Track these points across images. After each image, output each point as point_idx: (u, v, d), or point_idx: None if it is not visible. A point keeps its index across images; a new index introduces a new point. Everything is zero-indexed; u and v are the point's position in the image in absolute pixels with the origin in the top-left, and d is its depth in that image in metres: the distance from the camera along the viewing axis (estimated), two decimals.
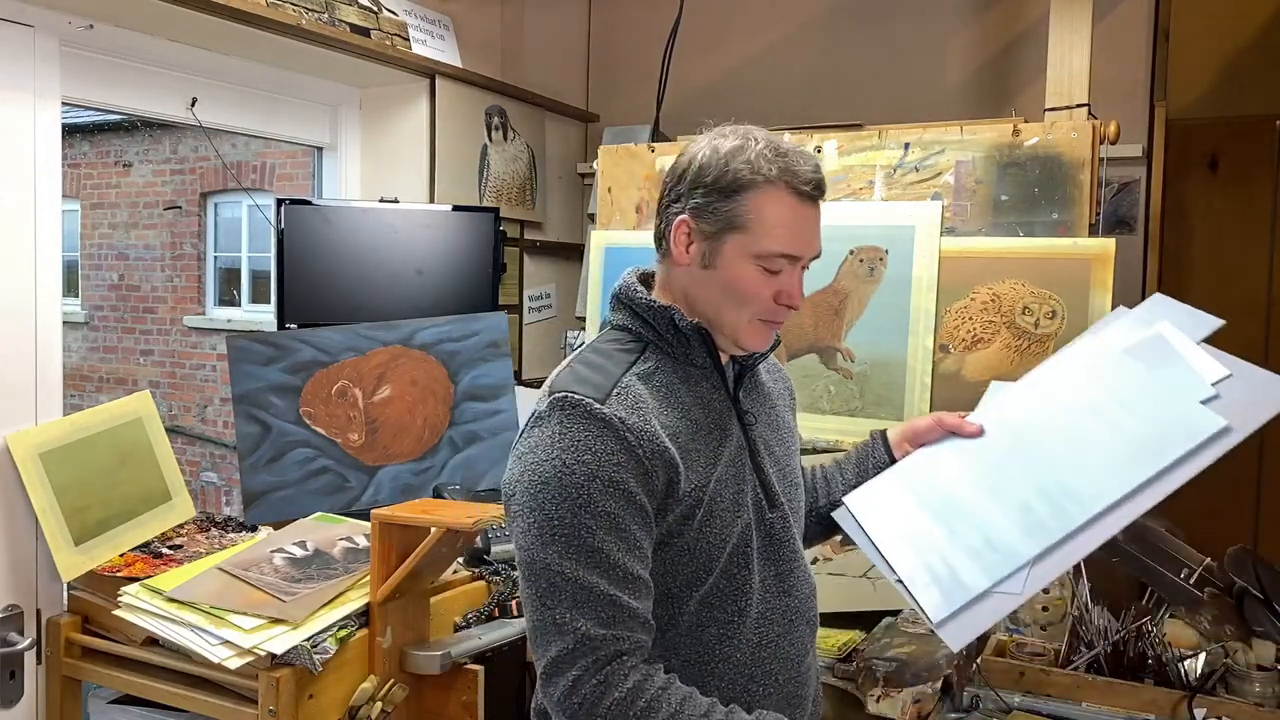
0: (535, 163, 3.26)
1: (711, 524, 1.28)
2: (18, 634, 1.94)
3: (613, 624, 1.19)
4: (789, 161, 1.29)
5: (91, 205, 8.32)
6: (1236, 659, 1.71)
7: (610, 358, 1.32)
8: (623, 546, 1.21)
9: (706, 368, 1.35)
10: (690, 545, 1.28)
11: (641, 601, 1.22)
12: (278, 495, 2.33)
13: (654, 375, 1.31)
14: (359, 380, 2.46)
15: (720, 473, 1.31)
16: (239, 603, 1.76)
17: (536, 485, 1.22)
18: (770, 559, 1.36)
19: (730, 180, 1.28)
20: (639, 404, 1.25)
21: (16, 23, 2.00)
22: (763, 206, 1.28)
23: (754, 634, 1.33)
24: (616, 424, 1.22)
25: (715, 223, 1.29)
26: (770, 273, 1.29)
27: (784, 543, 1.38)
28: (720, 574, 1.30)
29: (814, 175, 1.30)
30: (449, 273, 2.76)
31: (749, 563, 1.32)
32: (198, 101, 2.48)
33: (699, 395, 1.33)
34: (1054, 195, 2.11)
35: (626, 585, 1.21)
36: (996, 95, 2.98)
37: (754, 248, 1.28)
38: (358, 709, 1.77)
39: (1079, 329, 2.03)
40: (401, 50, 2.70)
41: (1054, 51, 2.21)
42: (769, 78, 3.28)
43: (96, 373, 8.34)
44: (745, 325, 1.32)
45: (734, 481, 1.33)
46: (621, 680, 1.18)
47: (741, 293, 1.30)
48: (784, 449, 1.44)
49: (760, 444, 1.38)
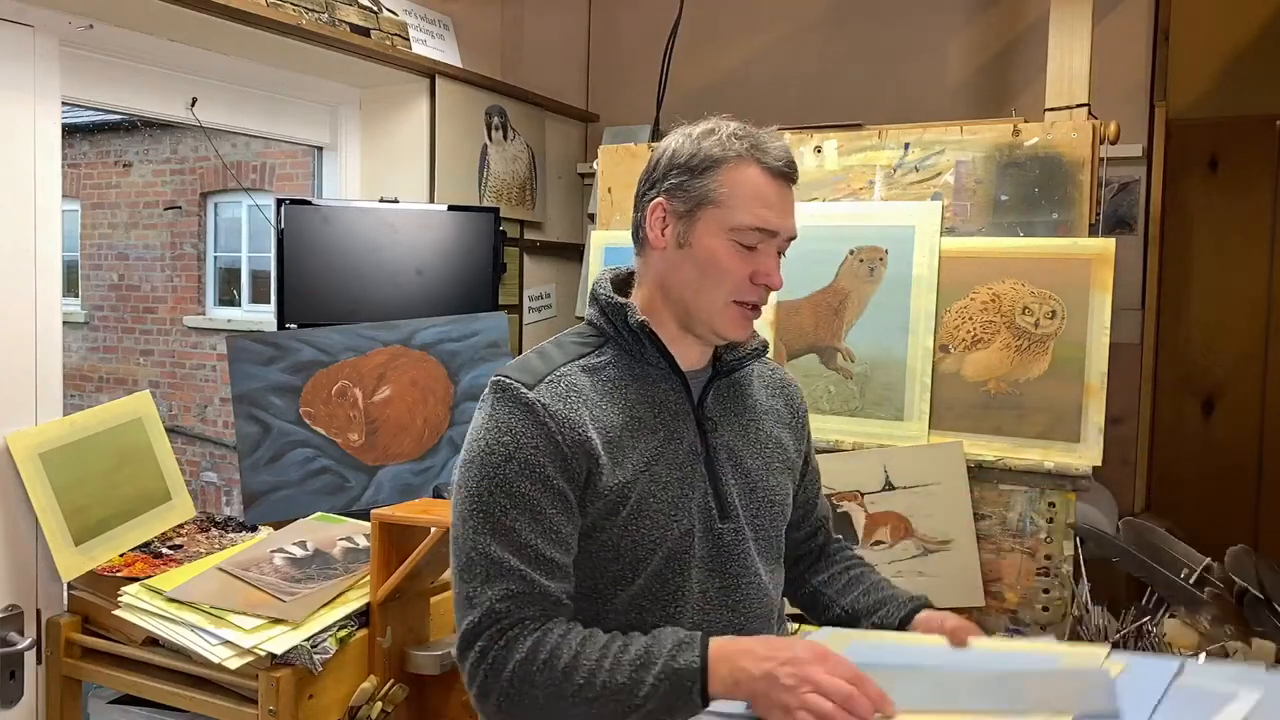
0: (535, 163, 3.26)
1: (639, 524, 1.27)
2: (18, 634, 1.94)
3: (520, 599, 1.20)
4: (758, 139, 1.32)
5: (91, 205, 8.32)
6: (1236, 659, 1.71)
7: (562, 348, 1.34)
8: (535, 528, 1.22)
9: (661, 367, 1.34)
10: (614, 542, 1.27)
11: (554, 582, 1.23)
12: (278, 495, 2.33)
13: (603, 369, 1.32)
14: (359, 380, 2.46)
15: (658, 473, 1.29)
16: (239, 603, 1.76)
17: (464, 465, 1.27)
18: (715, 570, 1.32)
19: (702, 158, 1.31)
20: (570, 393, 1.27)
21: (16, 23, 2.00)
22: (735, 181, 1.30)
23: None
24: (538, 409, 1.24)
25: (688, 200, 1.31)
26: (745, 249, 1.30)
27: (734, 556, 1.33)
28: (651, 576, 1.28)
29: (784, 154, 1.32)
30: (449, 273, 2.76)
31: (686, 569, 1.30)
32: (198, 101, 2.48)
33: (650, 394, 1.32)
34: (1054, 195, 2.11)
35: (538, 565, 1.21)
36: (996, 95, 2.98)
37: (728, 221, 1.29)
38: (358, 709, 1.77)
39: (1079, 329, 2.04)
40: (401, 50, 2.70)
41: (1054, 51, 2.21)
42: (769, 78, 3.28)
43: (96, 373, 8.33)
44: (722, 308, 1.31)
45: (677, 485, 1.30)
46: (522, 642, 1.19)
47: (717, 268, 1.30)
48: (759, 462, 1.39)
49: (722, 451, 1.35)
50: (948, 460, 2.08)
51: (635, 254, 1.39)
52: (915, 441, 2.14)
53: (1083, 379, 2.02)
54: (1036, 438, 2.05)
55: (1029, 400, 2.06)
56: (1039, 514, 2.04)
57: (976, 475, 2.07)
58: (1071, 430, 2.02)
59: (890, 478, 2.12)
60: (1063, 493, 2.02)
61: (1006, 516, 2.07)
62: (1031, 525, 2.04)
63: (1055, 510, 2.02)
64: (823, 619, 1.53)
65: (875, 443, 2.18)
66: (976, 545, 2.06)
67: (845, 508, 2.17)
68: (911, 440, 2.14)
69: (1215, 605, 1.83)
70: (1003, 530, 2.07)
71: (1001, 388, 2.10)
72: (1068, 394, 2.03)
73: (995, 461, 2.06)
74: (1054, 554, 2.02)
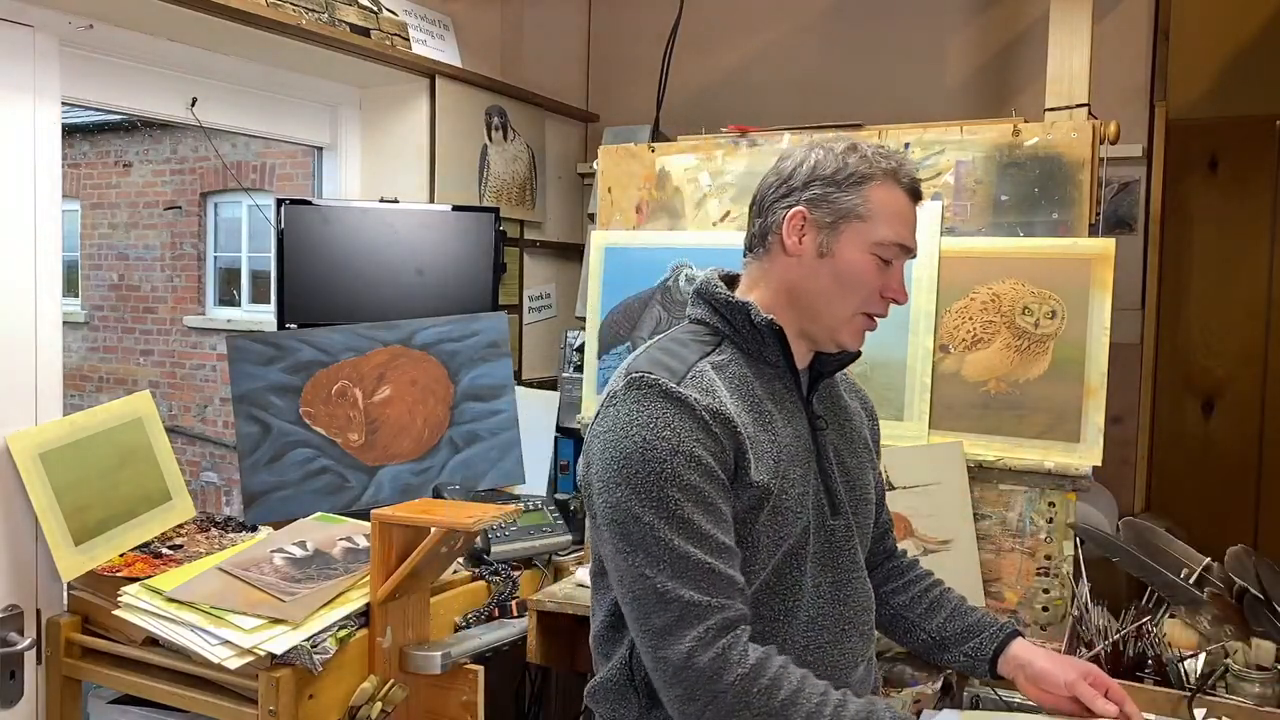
0: (535, 163, 3.26)
1: (776, 519, 1.31)
2: (18, 634, 1.94)
3: (713, 591, 1.22)
4: (900, 159, 1.39)
5: (91, 205, 8.32)
6: (1236, 659, 1.71)
7: (686, 346, 1.37)
8: (710, 518, 1.24)
9: (779, 366, 1.38)
10: (754, 537, 1.30)
11: (735, 570, 1.25)
12: (278, 495, 2.33)
13: (727, 366, 1.35)
14: (359, 380, 2.46)
15: (786, 469, 1.33)
16: (239, 603, 1.76)
17: (620, 461, 1.25)
18: (827, 565, 1.39)
19: (849, 173, 1.36)
20: (712, 387, 1.30)
21: (16, 23, 2.00)
22: (881, 197, 1.36)
23: (802, 637, 1.35)
24: (692, 402, 1.26)
25: (833, 213, 1.36)
26: (883, 264, 1.37)
27: (844, 550, 1.40)
28: (772, 571, 1.33)
29: (916, 174, 1.40)
30: (449, 273, 2.76)
31: (802, 564, 1.35)
32: (198, 101, 2.47)
33: (771, 391, 1.37)
34: (1054, 195, 2.11)
35: (720, 554, 1.24)
36: (996, 95, 2.98)
37: (873, 236, 1.35)
38: (358, 709, 1.77)
39: (1079, 329, 2.04)
40: (401, 50, 2.70)
41: (1054, 51, 2.21)
42: (769, 78, 3.28)
43: (96, 373, 8.34)
44: (848, 318, 1.38)
45: (800, 481, 1.35)
46: (743, 656, 1.20)
47: (856, 280, 1.36)
48: (856, 461, 1.48)
49: (830, 449, 1.42)
50: (948, 460, 2.08)
51: (750, 258, 1.44)
52: (915, 441, 2.14)
53: (1083, 379, 2.02)
54: (1036, 438, 2.05)
55: (1029, 400, 2.06)
56: (1039, 514, 2.04)
57: (976, 475, 2.07)
58: (1071, 430, 2.02)
59: (890, 478, 2.12)
60: (1063, 493, 2.02)
61: (1006, 516, 2.07)
62: (1031, 525, 2.04)
63: (1055, 510, 2.02)
64: (906, 642, 1.62)
65: None
66: (976, 545, 2.06)
67: None
68: (911, 440, 2.14)
69: (1215, 605, 1.83)
70: (1003, 530, 2.07)
71: (1001, 388, 2.10)
72: (1068, 394, 2.03)
73: (995, 461, 2.06)
74: (1054, 554, 2.02)
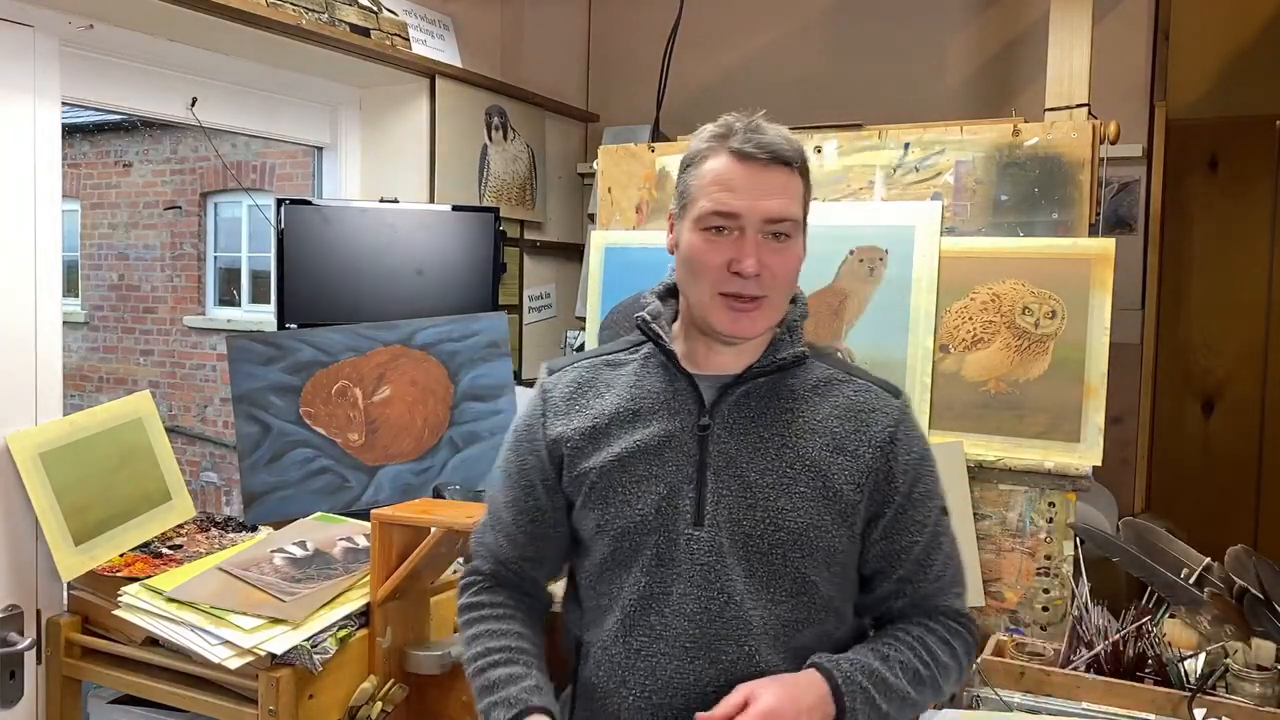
0: (535, 163, 3.26)
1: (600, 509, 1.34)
2: (18, 634, 1.94)
3: (481, 545, 1.47)
4: (731, 128, 1.30)
5: (91, 205, 8.32)
6: (1236, 659, 1.71)
7: (604, 345, 1.50)
8: (504, 492, 1.44)
9: (672, 369, 1.36)
10: (579, 518, 1.37)
11: (498, 538, 1.44)
12: (278, 495, 2.33)
13: (625, 365, 1.41)
14: (359, 380, 2.46)
15: (629, 464, 1.32)
16: (239, 603, 1.76)
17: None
18: (669, 574, 1.30)
19: (690, 156, 1.34)
20: (580, 380, 1.41)
21: (16, 23, 2.00)
22: (705, 169, 1.31)
23: (609, 637, 1.33)
24: (546, 388, 1.43)
25: (679, 201, 1.35)
26: (718, 238, 1.28)
27: (701, 565, 1.29)
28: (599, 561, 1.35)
29: (754, 137, 1.27)
30: (449, 273, 2.76)
31: (628, 565, 1.32)
32: (198, 101, 2.47)
33: (656, 391, 1.35)
34: (1054, 195, 2.11)
35: (496, 521, 1.45)
36: (996, 95, 2.98)
37: (695, 211, 1.31)
38: (358, 709, 1.77)
39: (1079, 329, 2.04)
40: (401, 50, 2.70)
41: (1054, 51, 2.21)
42: (769, 78, 3.28)
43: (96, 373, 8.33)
44: (709, 302, 1.31)
45: (646, 479, 1.31)
46: (468, 590, 1.46)
47: (694, 261, 1.31)
48: (767, 479, 1.30)
49: (721, 459, 1.30)
50: (948, 460, 2.08)
51: None
52: None
53: (1083, 379, 2.02)
54: (1036, 438, 2.05)
55: (1029, 400, 2.06)
56: (1039, 514, 2.04)
57: (976, 475, 2.07)
58: (1071, 430, 2.02)
59: None
60: (1063, 493, 2.02)
61: (1006, 516, 2.07)
62: (1031, 525, 2.04)
63: (1055, 510, 2.02)
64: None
65: None
66: (976, 545, 2.06)
67: None
68: None
69: (1215, 605, 1.83)
70: (1002, 530, 2.07)
71: (1001, 388, 2.10)
72: (1068, 394, 2.03)
73: (995, 461, 2.06)
74: (1054, 554, 2.02)
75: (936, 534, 1.36)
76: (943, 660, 1.34)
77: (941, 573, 1.37)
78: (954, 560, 1.39)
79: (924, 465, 1.36)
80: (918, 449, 1.35)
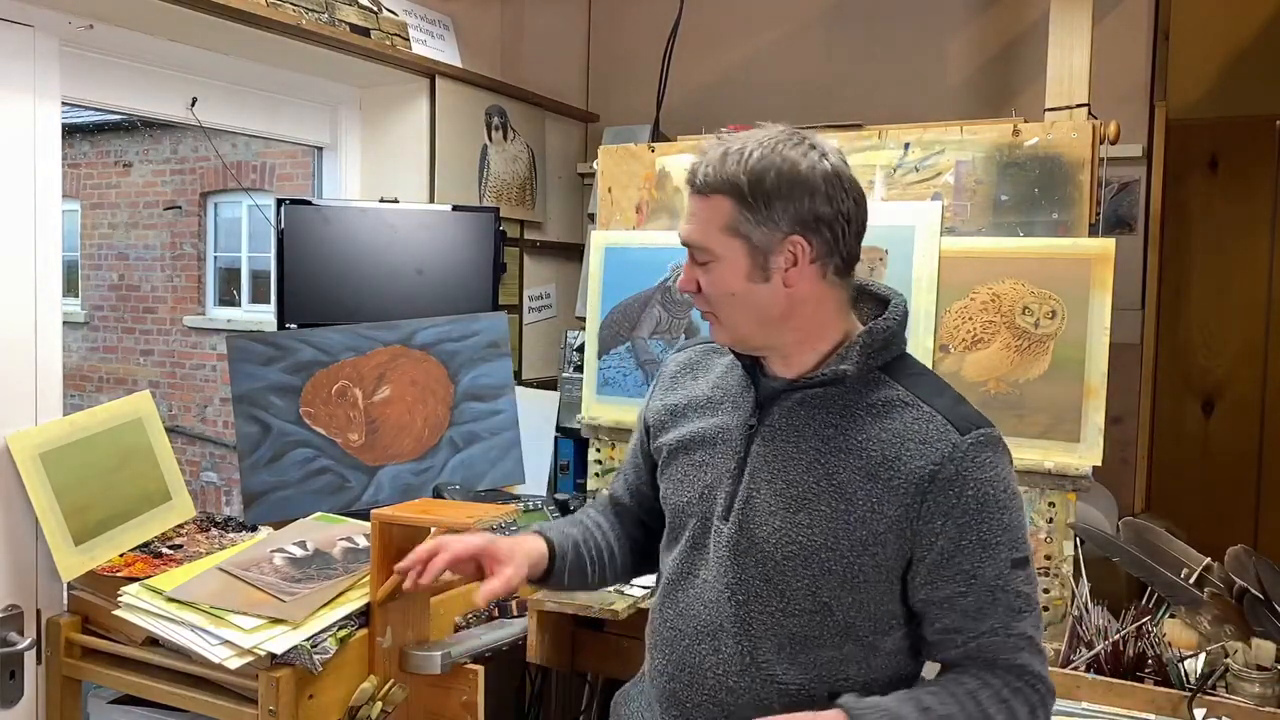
0: (535, 163, 3.26)
1: (673, 480, 1.44)
2: (18, 634, 1.94)
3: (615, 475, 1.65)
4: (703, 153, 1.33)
5: (91, 205, 8.32)
6: (1236, 659, 1.71)
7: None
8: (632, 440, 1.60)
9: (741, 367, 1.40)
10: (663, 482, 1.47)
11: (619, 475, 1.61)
12: (278, 495, 2.33)
13: (725, 355, 1.45)
14: (359, 380, 2.46)
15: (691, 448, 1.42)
16: (239, 603, 1.76)
17: None
18: (695, 560, 1.38)
19: None
20: (689, 361, 1.52)
21: (16, 23, 2.00)
22: None
23: (660, 602, 1.45)
24: (664, 364, 1.57)
25: None
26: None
27: (707, 558, 1.36)
28: (666, 529, 1.46)
29: (698, 163, 1.30)
30: (449, 273, 2.76)
31: (676, 541, 1.43)
32: (198, 101, 2.47)
33: (729, 385, 1.43)
34: (1054, 195, 2.11)
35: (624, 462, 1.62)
36: (996, 95, 2.98)
37: None
38: (358, 709, 1.77)
39: (1079, 329, 2.04)
40: (401, 50, 2.70)
41: (1054, 51, 2.21)
42: (769, 78, 3.28)
43: (96, 373, 8.34)
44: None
45: (702, 465, 1.40)
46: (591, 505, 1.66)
47: None
48: (792, 491, 1.29)
49: (759, 460, 1.33)
50: None
51: None
52: None
53: (1083, 379, 2.02)
54: (1036, 438, 2.05)
55: (1029, 400, 2.07)
56: (1039, 514, 2.04)
57: None
58: (1071, 430, 2.02)
59: None
60: (1063, 493, 2.02)
61: None
62: (1031, 525, 2.04)
63: (1055, 510, 2.02)
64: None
65: None
66: None
67: None
68: None
69: (1215, 605, 1.83)
70: None
71: (1001, 388, 2.10)
72: (1068, 394, 2.03)
73: None
74: (1054, 554, 2.02)
75: (995, 588, 1.25)
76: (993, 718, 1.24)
77: (1001, 629, 1.26)
78: (1023, 616, 1.27)
79: (983, 512, 1.24)
80: (975, 492, 1.24)
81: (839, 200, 1.26)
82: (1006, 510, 1.26)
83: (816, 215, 1.25)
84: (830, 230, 1.26)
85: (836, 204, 1.25)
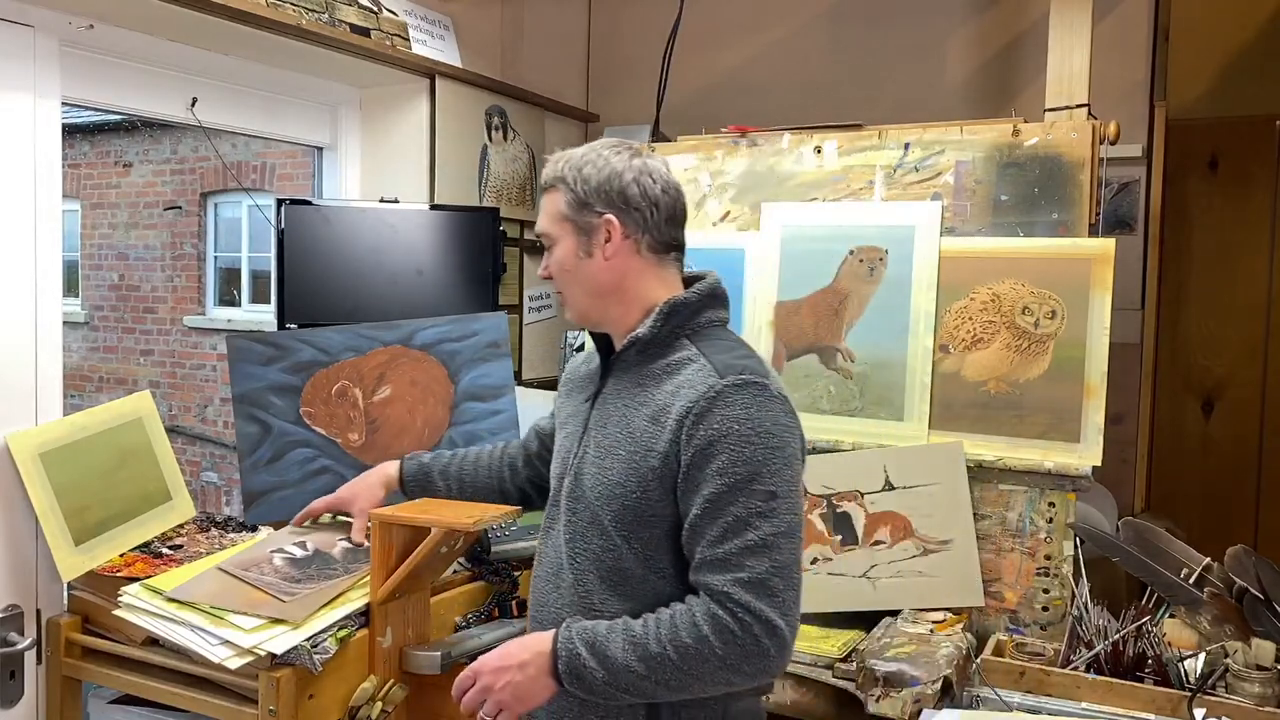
0: (535, 163, 3.26)
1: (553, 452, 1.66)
2: (18, 634, 1.94)
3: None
4: None
5: (91, 205, 8.32)
6: (1236, 659, 1.71)
7: None
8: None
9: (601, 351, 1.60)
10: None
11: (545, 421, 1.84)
12: (278, 495, 2.33)
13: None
14: (359, 380, 2.46)
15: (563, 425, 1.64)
16: (239, 603, 1.76)
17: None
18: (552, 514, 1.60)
19: None
20: (586, 356, 1.68)
21: (16, 23, 2.00)
22: None
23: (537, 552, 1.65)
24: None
25: None
26: None
27: (554, 505, 1.59)
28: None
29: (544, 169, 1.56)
30: (449, 273, 2.76)
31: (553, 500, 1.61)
32: (198, 101, 2.47)
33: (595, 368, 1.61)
34: (1054, 195, 2.11)
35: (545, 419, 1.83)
36: (996, 95, 2.98)
37: None
38: (358, 709, 1.77)
39: (1079, 329, 2.04)
40: (401, 50, 2.70)
41: (1054, 51, 2.21)
42: (769, 78, 3.28)
43: (96, 373, 8.34)
44: None
45: (566, 438, 1.60)
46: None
47: None
48: (606, 440, 1.50)
49: (594, 420, 1.55)
50: (947, 460, 2.08)
51: None
52: (915, 441, 2.14)
53: (1083, 379, 2.02)
54: (1036, 438, 2.05)
55: (1029, 400, 2.07)
56: (1039, 514, 2.04)
57: (976, 475, 2.07)
58: (1071, 430, 2.02)
59: (890, 478, 2.12)
60: (1062, 493, 2.02)
61: (1006, 516, 2.07)
62: (1031, 525, 2.04)
63: (1055, 510, 2.02)
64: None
65: (875, 443, 2.18)
66: (976, 545, 2.06)
67: (845, 508, 2.17)
68: (911, 440, 2.15)
69: (1215, 605, 1.83)
70: (1002, 530, 2.07)
71: (1001, 388, 2.10)
72: (1068, 394, 2.03)
73: (995, 461, 2.06)
74: (1054, 554, 2.02)
75: (723, 513, 1.35)
76: (683, 640, 1.33)
77: (722, 555, 1.34)
78: (752, 552, 1.33)
79: (725, 440, 1.36)
80: (720, 425, 1.36)
81: (647, 187, 1.48)
82: (749, 445, 1.36)
83: (626, 199, 1.47)
84: (639, 212, 1.48)
85: (644, 189, 1.48)
